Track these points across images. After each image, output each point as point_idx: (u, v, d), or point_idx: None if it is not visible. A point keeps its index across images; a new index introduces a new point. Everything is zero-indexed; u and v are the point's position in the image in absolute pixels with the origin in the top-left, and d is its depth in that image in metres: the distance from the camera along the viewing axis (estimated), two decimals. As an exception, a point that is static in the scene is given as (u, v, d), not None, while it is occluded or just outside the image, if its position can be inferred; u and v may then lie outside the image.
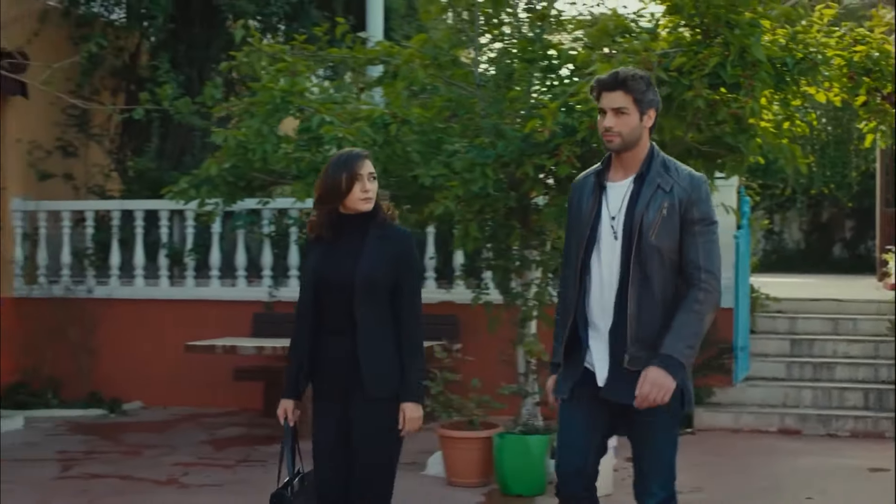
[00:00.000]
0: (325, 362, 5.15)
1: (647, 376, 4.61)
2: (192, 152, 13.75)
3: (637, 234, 4.66)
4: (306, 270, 5.25)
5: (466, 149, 8.42)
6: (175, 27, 13.54)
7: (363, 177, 5.13)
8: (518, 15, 9.55)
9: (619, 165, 4.83)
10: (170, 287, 12.97)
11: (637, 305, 4.65)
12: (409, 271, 5.19)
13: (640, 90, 4.72)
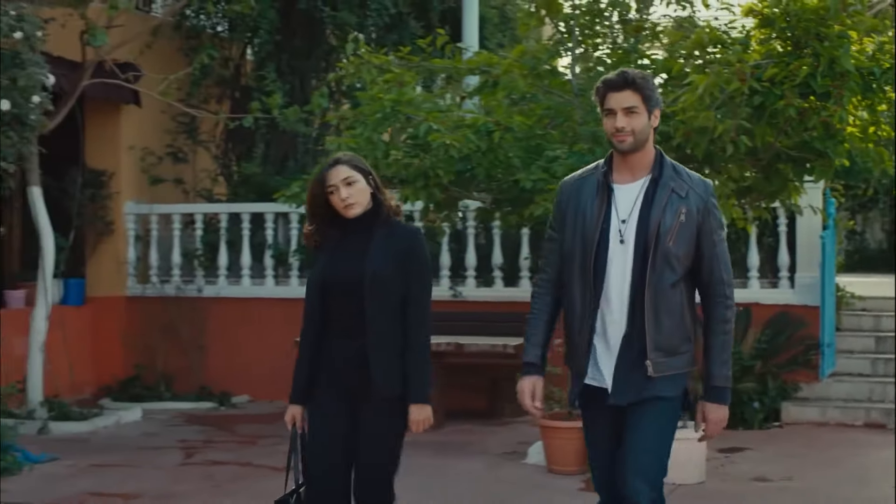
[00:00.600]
0: (333, 362, 5.06)
1: (709, 417, 4.66)
2: (295, 157, 14.39)
3: (654, 239, 4.54)
4: (314, 272, 5.16)
5: (567, 155, 8.92)
6: (278, 38, 14.16)
7: (337, 186, 5.07)
8: (613, 26, 10.04)
9: (624, 167, 4.69)
10: (275, 286, 13.60)
11: (654, 313, 4.54)
12: (418, 269, 5.12)
13: (648, 88, 4.62)
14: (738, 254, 12.52)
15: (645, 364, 4.53)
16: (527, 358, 4.80)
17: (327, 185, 5.05)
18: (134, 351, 13.61)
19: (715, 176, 8.91)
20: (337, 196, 5.03)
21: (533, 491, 8.72)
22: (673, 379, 4.62)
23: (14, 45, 8.40)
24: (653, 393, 4.58)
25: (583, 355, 4.64)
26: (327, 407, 5.06)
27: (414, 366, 5.02)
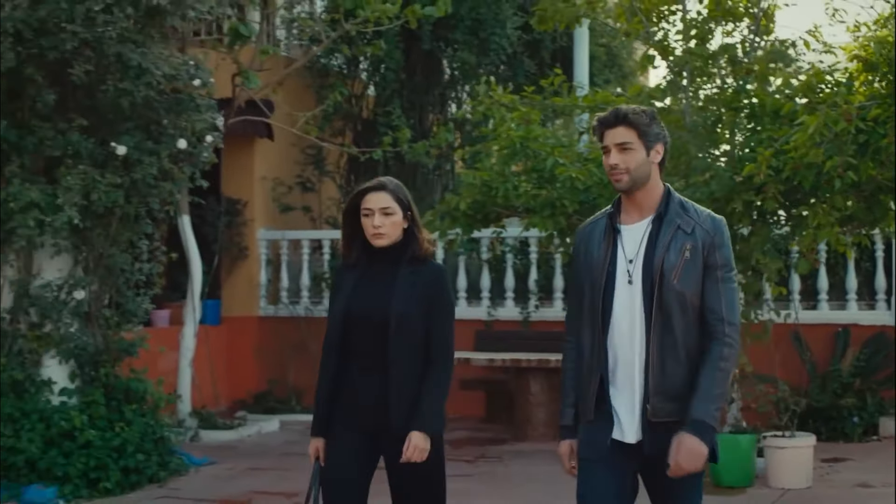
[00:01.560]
0: (353, 396, 4.92)
1: (681, 445, 4.27)
2: (415, 187, 15.36)
3: (658, 277, 4.36)
4: (336, 305, 4.98)
5: (683, 187, 9.77)
6: (403, 77, 15.17)
7: (373, 212, 4.89)
8: (723, 67, 10.87)
9: (631, 207, 4.50)
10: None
11: (659, 355, 4.35)
12: (442, 309, 4.94)
13: (643, 124, 4.41)
14: (836, 277, 13.29)
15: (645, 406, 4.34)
16: (562, 421, 4.61)
17: (364, 206, 4.91)
18: (266, 367, 14.64)
19: (819, 206, 9.70)
20: (370, 221, 4.87)
21: (653, 494, 9.51)
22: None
23: (191, 90, 9.43)
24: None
25: (590, 400, 4.44)
26: (347, 442, 4.91)
27: (429, 400, 4.83)
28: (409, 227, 4.95)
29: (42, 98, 9.04)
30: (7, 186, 9.15)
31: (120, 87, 9.00)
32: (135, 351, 9.99)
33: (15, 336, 9.60)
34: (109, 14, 8.82)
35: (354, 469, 4.90)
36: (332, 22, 12.10)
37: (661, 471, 4.32)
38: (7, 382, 9.37)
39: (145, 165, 9.36)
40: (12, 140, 9.16)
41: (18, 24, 8.72)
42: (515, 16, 15.03)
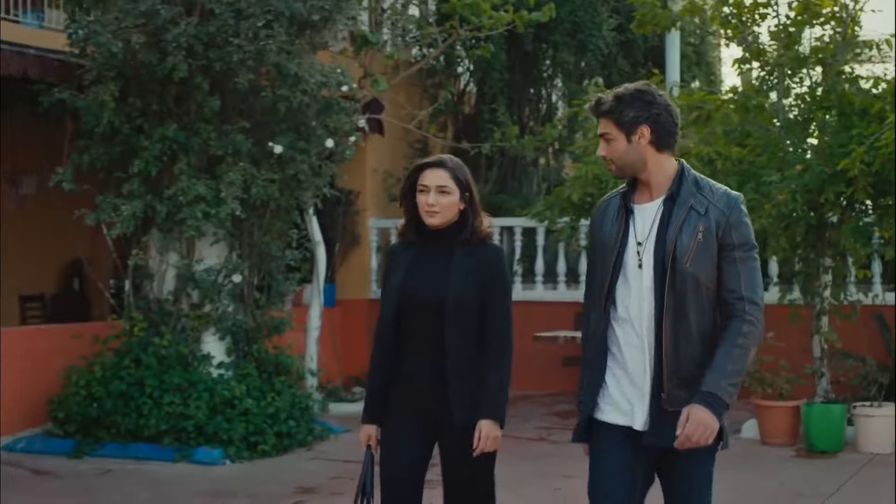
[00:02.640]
0: (408, 381, 4.80)
1: (691, 416, 4.15)
2: (516, 178, 16.42)
3: (671, 260, 4.20)
4: (390, 287, 4.87)
5: (780, 179, 10.74)
6: (507, 76, 16.21)
7: (428, 188, 4.74)
8: (813, 68, 11.81)
9: (643, 187, 4.36)
10: (501, 290, 15.59)
11: (673, 340, 4.20)
12: (499, 290, 4.80)
13: (617, 111, 4.23)
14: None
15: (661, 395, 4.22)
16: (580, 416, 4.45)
17: (420, 182, 4.77)
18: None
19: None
20: (424, 198, 4.74)
21: (753, 459, 10.50)
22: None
23: (345, 97, 10.54)
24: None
25: (595, 384, 4.35)
26: (403, 429, 4.81)
27: (494, 387, 4.71)
28: (465, 208, 4.78)
29: (208, 103, 10.17)
30: (176, 182, 10.29)
31: (278, 93, 10.13)
32: (283, 329, 11.14)
33: (178, 315, 10.76)
34: (270, 29, 9.94)
35: (412, 454, 4.78)
36: (449, 28, 13.10)
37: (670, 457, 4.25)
38: (174, 356, 10.53)
39: (297, 162, 10.49)
40: (181, 141, 10.30)
41: (190, 40, 9.85)
42: (611, 18, 16.05)
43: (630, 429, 4.28)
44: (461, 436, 4.69)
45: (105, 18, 9.98)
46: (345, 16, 10.44)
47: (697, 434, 4.13)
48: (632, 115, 4.23)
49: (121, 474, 9.77)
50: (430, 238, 4.81)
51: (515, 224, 15.27)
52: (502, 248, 4.98)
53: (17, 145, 13.46)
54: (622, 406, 4.30)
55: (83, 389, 10.49)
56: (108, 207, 10.34)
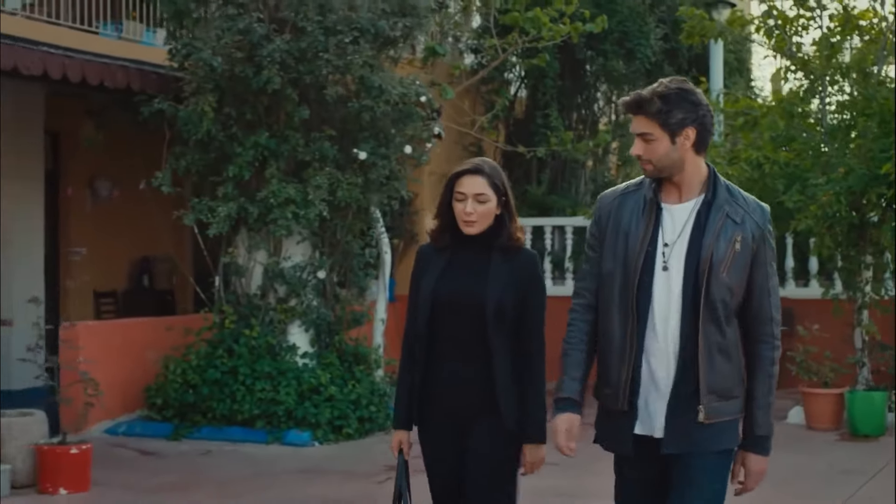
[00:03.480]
0: (443, 386, 4.68)
1: (751, 469, 4.19)
2: (565, 178, 17.24)
3: (707, 268, 4.04)
4: (423, 290, 4.73)
5: (825, 182, 11.54)
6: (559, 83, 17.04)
7: (466, 197, 4.63)
8: (854, 77, 12.61)
9: (671, 186, 4.14)
10: (552, 286, 16.40)
11: (708, 351, 4.05)
12: (538, 298, 4.71)
13: (663, 111, 4.01)
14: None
15: (697, 409, 4.07)
16: (564, 393, 4.24)
17: (457, 189, 4.67)
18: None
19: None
20: (462, 207, 4.63)
21: (800, 442, 11.29)
22: (728, 427, 4.16)
23: (418, 105, 11.39)
24: (711, 446, 4.12)
25: (623, 391, 4.12)
26: (445, 436, 4.70)
27: (534, 403, 4.62)
28: (501, 213, 4.68)
29: (298, 113, 11.03)
30: (267, 185, 11.15)
31: (363, 104, 10.98)
32: (363, 321, 12.00)
33: (266, 309, 11.62)
34: (356, 45, 10.79)
35: (456, 461, 4.68)
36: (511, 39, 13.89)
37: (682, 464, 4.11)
38: (263, 347, 11.39)
39: (378, 168, 11.34)
40: (272, 147, 11.16)
41: (283, 55, 10.70)
42: (657, 28, 16.87)
43: (645, 437, 4.13)
44: (496, 441, 4.62)
45: (205, 36, 10.82)
46: (423, 32, 11.28)
47: (756, 484, 4.20)
48: (679, 116, 4.04)
49: (220, 454, 10.63)
50: (465, 243, 4.70)
51: (567, 223, 16.15)
52: (537, 255, 4.85)
53: (94, 151, 14.29)
54: (649, 417, 4.13)
55: (179, 377, 11.36)
56: (204, 209, 11.20)
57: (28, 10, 13.11)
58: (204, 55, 10.62)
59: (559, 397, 4.25)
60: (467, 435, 4.66)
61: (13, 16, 12.30)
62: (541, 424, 4.61)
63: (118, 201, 15.36)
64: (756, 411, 4.18)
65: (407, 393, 4.75)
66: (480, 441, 4.63)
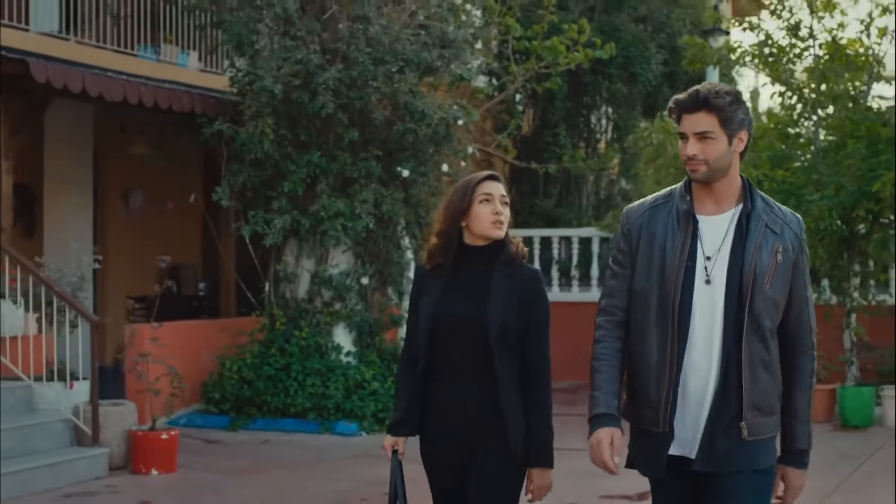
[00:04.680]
0: (448, 412, 4.54)
1: (792, 484, 4.12)
2: (570, 192, 18.50)
3: (751, 281, 3.95)
4: (423, 308, 4.58)
5: (819, 198, 12.80)
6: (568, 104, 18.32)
7: (494, 197, 4.51)
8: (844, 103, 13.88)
9: (706, 196, 4.04)
10: (559, 292, 17.64)
11: (751, 365, 3.96)
12: (540, 315, 4.55)
13: (727, 109, 3.92)
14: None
15: (739, 425, 3.97)
16: (600, 409, 4.08)
17: (482, 192, 4.52)
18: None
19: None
20: (490, 208, 4.50)
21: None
22: (767, 445, 4.06)
23: (455, 129, 12.61)
24: (752, 465, 4.02)
25: (664, 412, 4.01)
26: (443, 458, 4.59)
27: (540, 426, 4.50)
28: None
29: (348, 134, 12.21)
30: (318, 200, 12.32)
31: (407, 127, 12.17)
32: (401, 323, 13.16)
33: (313, 312, 12.79)
34: (402, 73, 11.99)
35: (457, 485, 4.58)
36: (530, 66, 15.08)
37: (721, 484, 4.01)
38: (312, 346, 12.55)
39: (419, 184, 12.54)
40: (323, 166, 12.33)
41: (336, 82, 11.89)
42: (658, 53, 18.16)
43: (679, 457, 4.04)
44: (502, 467, 4.50)
45: (267, 65, 11.99)
46: (461, 62, 12.50)
47: (796, 497, 4.12)
48: (741, 116, 3.97)
49: (277, 443, 11.78)
50: (468, 259, 4.56)
51: (573, 234, 17.39)
52: (540, 272, 4.71)
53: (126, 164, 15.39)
54: (685, 437, 4.03)
55: (236, 374, 12.51)
56: (260, 221, 12.37)
57: (78, 34, 14.20)
58: (266, 83, 11.79)
59: (597, 413, 4.07)
60: (470, 458, 4.51)
61: (66, 41, 13.40)
62: (548, 448, 4.52)
63: (150, 212, 16.50)
64: (796, 425, 4.10)
65: (400, 403, 4.65)
66: (486, 466, 4.48)
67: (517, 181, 18.95)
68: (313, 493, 9.41)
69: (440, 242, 4.59)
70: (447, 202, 4.62)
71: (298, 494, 9.25)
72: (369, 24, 12.00)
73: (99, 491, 9.43)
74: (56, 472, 9.48)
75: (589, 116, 19.05)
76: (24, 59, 10.91)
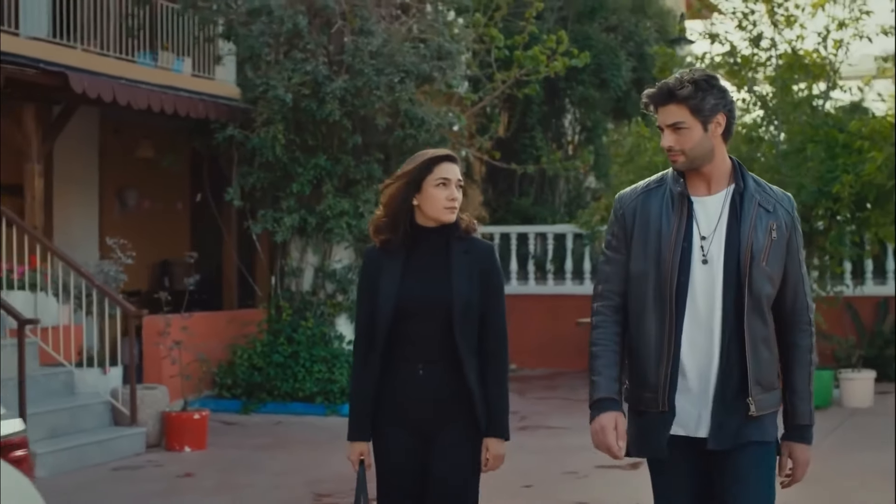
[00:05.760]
0: (402, 391, 4.51)
1: (798, 459, 4.15)
2: (545, 190, 19.60)
3: (748, 259, 3.99)
4: (383, 293, 4.49)
5: (782, 198, 13.94)
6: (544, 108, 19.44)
7: (451, 182, 4.46)
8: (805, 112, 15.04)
9: (697, 179, 4.09)
10: (535, 285, 18.72)
11: (753, 343, 4.01)
12: (496, 289, 4.56)
13: (695, 98, 3.97)
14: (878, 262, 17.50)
15: (746, 402, 4.02)
16: (602, 393, 4.11)
17: (439, 175, 4.45)
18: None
19: (878, 212, 13.87)
20: (446, 192, 4.45)
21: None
22: (770, 419, 4.12)
23: (450, 134, 13.65)
24: (757, 437, 4.07)
25: (662, 392, 4.06)
26: (399, 442, 4.55)
27: (496, 397, 4.52)
28: None
29: (352, 139, 13.22)
30: (324, 200, 13.32)
31: (407, 132, 13.19)
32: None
33: (317, 304, 13.79)
34: (403, 83, 13.01)
35: (416, 471, 4.56)
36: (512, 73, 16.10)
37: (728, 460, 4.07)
38: (318, 335, 13.55)
39: (417, 185, 13.55)
40: (328, 168, 13.34)
41: (342, 91, 12.90)
42: (627, 61, 19.31)
43: (683, 438, 4.08)
44: (463, 445, 4.52)
45: (278, 76, 12.96)
46: (457, 73, 13.54)
47: (804, 472, 4.15)
48: (712, 102, 4.01)
49: (288, 424, 12.78)
50: (420, 238, 4.52)
51: (548, 230, 18.51)
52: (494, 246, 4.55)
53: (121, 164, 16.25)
54: (686, 417, 4.07)
55: (246, 361, 13.49)
56: (270, 219, 13.36)
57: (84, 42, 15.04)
58: (279, 92, 12.76)
59: (598, 398, 4.12)
60: (431, 440, 4.52)
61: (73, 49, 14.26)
62: (505, 422, 4.56)
63: (143, 210, 17.39)
64: (798, 402, 4.13)
65: (363, 402, 4.56)
66: (451, 444, 4.50)
67: (494, 181, 20.00)
68: (339, 462, 10.39)
69: (388, 216, 4.53)
70: (399, 174, 4.52)
71: (327, 464, 10.24)
72: (372, 38, 13.01)
73: (143, 465, 10.41)
74: (103, 449, 10.45)
75: (561, 119, 20.17)
76: (64, 72, 11.79)
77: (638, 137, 15.24)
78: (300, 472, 10.05)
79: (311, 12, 13.29)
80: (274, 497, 9.18)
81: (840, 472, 9.83)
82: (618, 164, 15.74)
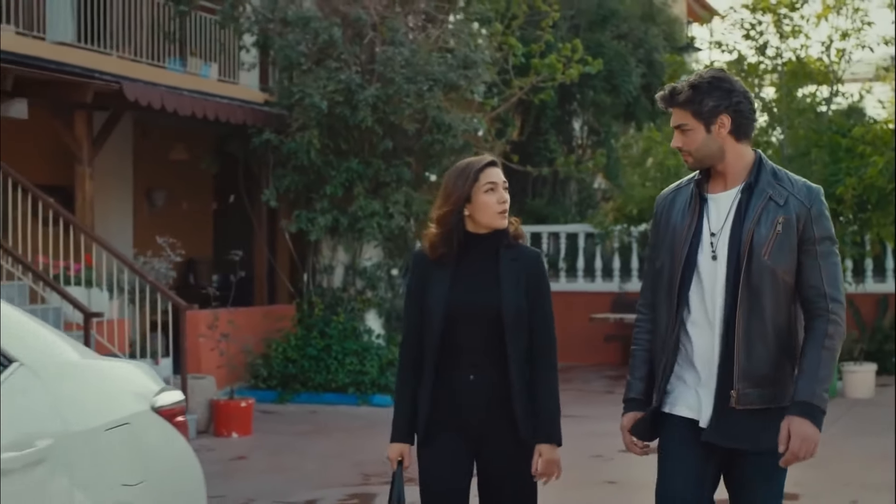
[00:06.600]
0: (455, 398, 4.53)
1: (792, 431, 4.01)
2: (556, 191, 20.38)
3: (747, 252, 4.05)
4: (434, 296, 4.54)
5: (788, 199, 14.72)
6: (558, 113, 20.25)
7: (498, 185, 4.55)
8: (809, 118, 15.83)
9: (717, 176, 4.19)
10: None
11: (746, 337, 4.06)
12: (544, 296, 4.59)
13: (695, 101, 4.09)
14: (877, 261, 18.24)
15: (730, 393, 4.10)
16: (630, 394, 4.36)
17: (487, 180, 4.54)
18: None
19: (879, 213, 14.64)
20: (496, 197, 4.55)
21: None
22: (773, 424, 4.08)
23: (472, 139, 14.42)
24: (763, 444, 4.11)
25: (662, 381, 4.23)
26: (450, 448, 4.56)
27: (548, 404, 4.53)
28: None
29: (382, 144, 13.99)
30: (356, 201, 14.08)
31: (435, 138, 13.96)
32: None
33: (348, 300, 14.56)
34: (431, 91, 13.77)
35: (462, 480, 4.59)
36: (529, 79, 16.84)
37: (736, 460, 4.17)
38: (349, 330, 14.31)
39: (444, 187, 14.32)
40: (359, 171, 14.10)
41: (374, 99, 13.66)
42: (637, 67, 20.11)
43: (695, 422, 4.17)
44: (517, 453, 4.53)
45: (314, 84, 13.72)
46: (481, 80, 14.32)
47: (803, 449, 4.01)
48: (711, 104, 4.09)
49: (323, 413, 13.53)
50: (471, 246, 4.56)
51: (560, 230, 19.31)
52: (541, 253, 4.79)
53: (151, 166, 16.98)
54: (691, 402, 4.19)
55: (281, 354, 14.25)
56: (305, 219, 14.12)
57: (118, 49, 15.77)
58: (315, 99, 13.52)
59: (626, 398, 4.37)
60: (480, 447, 4.55)
61: (108, 56, 14.98)
62: (556, 427, 4.55)
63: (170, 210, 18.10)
64: (799, 378, 4.07)
65: (406, 405, 4.62)
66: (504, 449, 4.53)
67: (509, 182, 20.67)
68: (379, 447, 11.14)
69: (442, 231, 4.53)
70: (447, 188, 4.55)
71: (368, 448, 10.99)
72: (402, 48, 13.77)
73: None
74: (159, 434, 11.16)
75: (572, 123, 20.99)
76: (119, 81, 12.54)
77: (649, 141, 16.01)
78: (344, 456, 10.80)
79: (344, 24, 14.04)
80: (325, 476, 9.94)
81: (844, 455, 10.53)
82: (629, 167, 16.54)
